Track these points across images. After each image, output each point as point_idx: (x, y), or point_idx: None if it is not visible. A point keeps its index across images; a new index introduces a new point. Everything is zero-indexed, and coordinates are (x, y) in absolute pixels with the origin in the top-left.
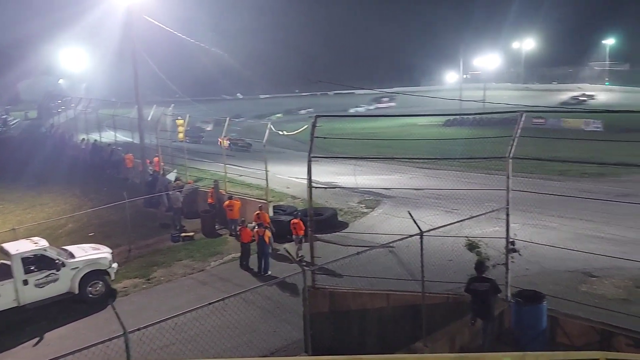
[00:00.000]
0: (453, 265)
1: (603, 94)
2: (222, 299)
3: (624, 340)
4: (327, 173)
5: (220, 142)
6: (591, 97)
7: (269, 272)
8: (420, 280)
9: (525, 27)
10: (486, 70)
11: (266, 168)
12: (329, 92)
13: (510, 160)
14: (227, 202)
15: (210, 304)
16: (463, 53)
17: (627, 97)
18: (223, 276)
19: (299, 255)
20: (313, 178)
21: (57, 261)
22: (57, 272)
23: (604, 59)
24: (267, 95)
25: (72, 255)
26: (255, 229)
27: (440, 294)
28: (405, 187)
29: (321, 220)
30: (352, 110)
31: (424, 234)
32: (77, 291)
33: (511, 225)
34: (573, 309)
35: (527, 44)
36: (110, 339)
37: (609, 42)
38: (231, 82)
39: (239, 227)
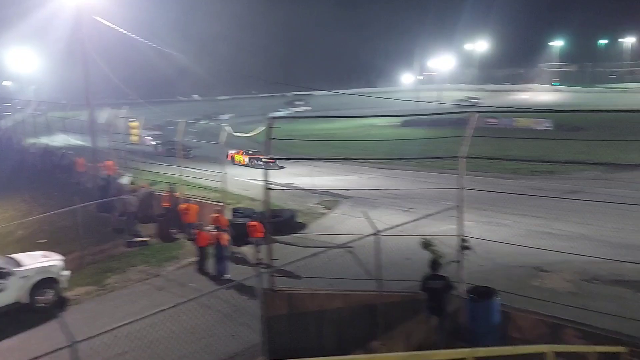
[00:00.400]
0: (411, 263)
1: (552, 94)
2: (177, 305)
3: (572, 332)
4: (286, 174)
5: (232, 156)
6: (477, 98)
7: (227, 276)
8: (377, 279)
9: (478, 29)
10: (441, 71)
11: (224, 170)
12: (286, 94)
13: (464, 159)
14: (183, 205)
15: (163, 310)
16: (418, 55)
17: (575, 97)
18: (180, 281)
19: (258, 257)
20: (271, 180)
21: (3, 270)
22: (4, 282)
23: (553, 60)
24: (225, 97)
25: (20, 264)
26: (213, 232)
27: (397, 292)
28: (363, 187)
29: (279, 222)
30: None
31: (379, 233)
32: (26, 300)
33: (466, 223)
34: (525, 303)
35: (480, 45)
36: (56, 350)
37: (558, 44)
38: (188, 84)
39: (195, 231)
